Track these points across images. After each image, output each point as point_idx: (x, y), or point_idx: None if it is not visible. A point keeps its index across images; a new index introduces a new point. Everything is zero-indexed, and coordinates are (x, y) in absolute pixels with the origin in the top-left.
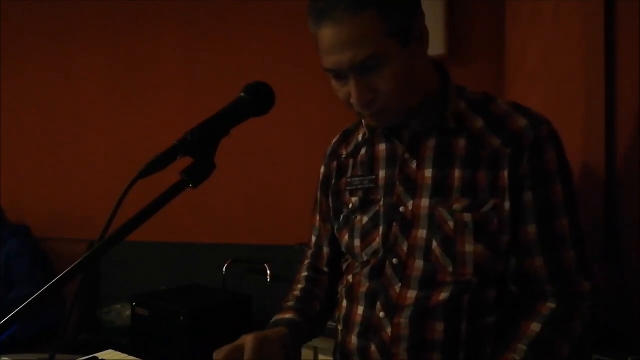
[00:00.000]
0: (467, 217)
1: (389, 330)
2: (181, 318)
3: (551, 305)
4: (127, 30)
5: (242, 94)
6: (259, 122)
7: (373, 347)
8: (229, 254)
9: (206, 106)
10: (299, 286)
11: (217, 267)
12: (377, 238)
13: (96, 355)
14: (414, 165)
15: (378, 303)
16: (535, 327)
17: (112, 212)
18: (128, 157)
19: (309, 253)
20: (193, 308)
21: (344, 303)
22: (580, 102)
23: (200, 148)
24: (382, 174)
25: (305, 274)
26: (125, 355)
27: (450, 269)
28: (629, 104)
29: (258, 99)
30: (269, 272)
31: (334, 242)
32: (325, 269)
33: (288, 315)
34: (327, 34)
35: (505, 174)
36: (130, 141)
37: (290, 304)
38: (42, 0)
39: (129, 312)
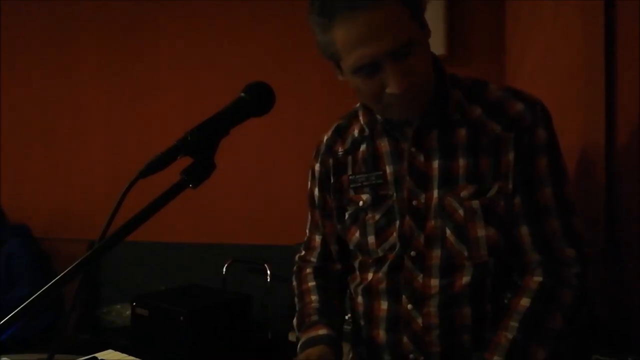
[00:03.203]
0: (475, 203)
1: (419, 320)
2: (181, 318)
3: (538, 278)
4: (127, 30)
5: (242, 94)
6: (259, 122)
7: (405, 339)
8: (229, 254)
9: (206, 106)
10: (314, 297)
11: (217, 267)
12: (394, 233)
13: (96, 355)
14: (421, 158)
15: (403, 296)
16: (525, 302)
17: (112, 212)
18: (128, 157)
19: (314, 254)
20: (193, 308)
21: (360, 300)
22: (580, 102)
23: (200, 148)
24: (389, 169)
25: (313, 283)
26: (125, 355)
27: (466, 254)
28: (629, 103)
29: (258, 99)
30: (269, 272)
31: (341, 238)
32: (338, 266)
33: (322, 331)
34: (358, 26)
35: (510, 157)
36: (130, 141)
37: (315, 317)
38: (42, 0)
39: (129, 312)
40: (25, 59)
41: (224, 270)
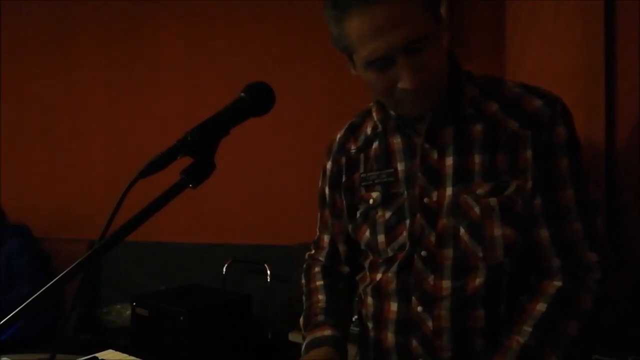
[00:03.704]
0: (493, 201)
1: (429, 323)
2: (181, 318)
3: (557, 283)
4: (127, 30)
5: (242, 94)
6: (259, 122)
7: (414, 343)
8: (229, 254)
9: (206, 106)
10: (320, 297)
11: (217, 267)
12: (404, 232)
13: (96, 355)
14: (434, 155)
15: (413, 298)
16: (541, 307)
17: (112, 212)
18: (128, 157)
19: (323, 253)
20: (193, 308)
21: (370, 301)
22: (580, 102)
23: (200, 148)
24: (400, 166)
25: (320, 282)
26: (125, 355)
27: (480, 254)
28: (629, 104)
29: (258, 99)
30: (269, 272)
31: (350, 239)
32: (346, 268)
33: (327, 332)
34: (373, 18)
35: (528, 154)
36: (130, 141)
37: (321, 317)
38: (42, 0)
39: (129, 312)
40: (25, 59)
41: (224, 270)
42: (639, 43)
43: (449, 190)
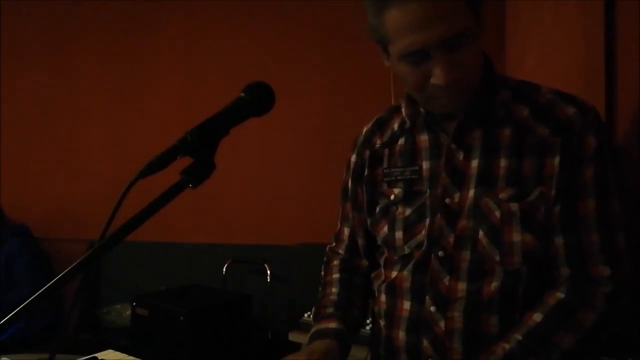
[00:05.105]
0: (514, 206)
1: (442, 324)
2: (181, 318)
3: (560, 295)
4: (126, 30)
5: (242, 94)
6: (259, 122)
7: (425, 342)
8: (229, 254)
9: (206, 106)
10: (334, 290)
11: (217, 267)
12: (423, 230)
13: (96, 355)
14: (460, 156)
15: (427, 297)
16: (537, 317)
17: (112, 212)
18: (128, 157)
19: (342, 246)
20: (193, 308)
21: (384, 298)
22: None
23: (200, 148)
24: (425, 165)
25: (337, 275)
26: (125, 355)
27: (497, 258)
28: (629, 104)
29: (258, 99)
30: (269, 272)
31: (369, 233)
32: (365, 262)
33: (333, 325)
34: (413, 10)
35: (556, 161)
36: (130, 141)
37: (330, 310)
38: (42, 0)
39: (129, 312)
40: (25, 59)
41: (224, 270)
42: (639, 43)
43: (471, 192)
